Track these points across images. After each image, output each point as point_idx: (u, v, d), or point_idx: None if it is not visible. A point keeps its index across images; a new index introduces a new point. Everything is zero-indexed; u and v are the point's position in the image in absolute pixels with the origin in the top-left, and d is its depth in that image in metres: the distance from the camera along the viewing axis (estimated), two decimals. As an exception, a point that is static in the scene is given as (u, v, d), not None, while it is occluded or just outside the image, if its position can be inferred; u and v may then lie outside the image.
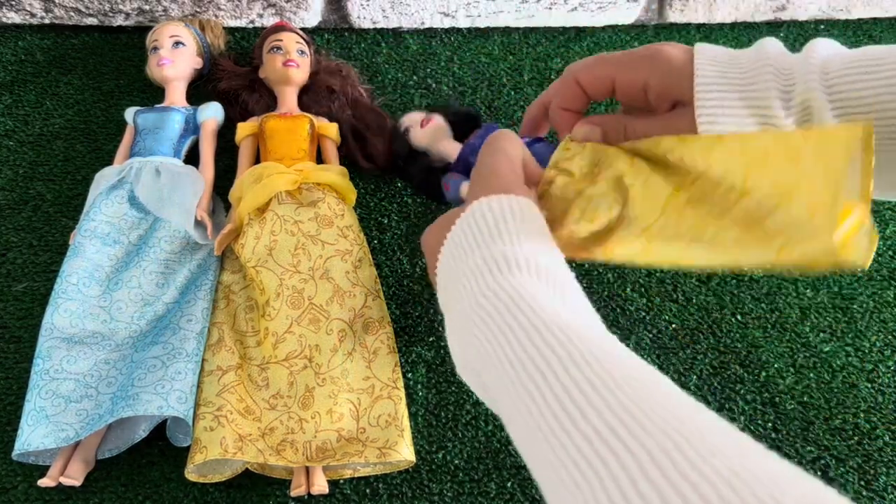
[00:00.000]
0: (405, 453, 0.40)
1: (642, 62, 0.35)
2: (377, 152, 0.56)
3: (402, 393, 0.43)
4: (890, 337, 0.50)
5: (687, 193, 0.33)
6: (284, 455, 0.40)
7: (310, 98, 0.57)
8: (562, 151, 0.37)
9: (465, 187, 0.48)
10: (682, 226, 0.32)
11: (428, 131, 0.52)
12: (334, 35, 0.67)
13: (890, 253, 0.55)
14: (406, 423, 0.42)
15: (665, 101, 0.35)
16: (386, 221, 0.54)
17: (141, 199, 0.49)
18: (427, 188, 0.53)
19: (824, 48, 0.32)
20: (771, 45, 0.33)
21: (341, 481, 0.42)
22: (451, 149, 0.51)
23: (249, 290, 0.47)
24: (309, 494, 0.40)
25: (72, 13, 0.63)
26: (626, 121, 0.36)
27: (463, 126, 0.53)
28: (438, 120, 0.52)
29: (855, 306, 0.51)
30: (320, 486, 0.40)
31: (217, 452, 0.38)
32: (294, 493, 0.40)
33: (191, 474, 0.40)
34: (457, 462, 0.43)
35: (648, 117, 0.36)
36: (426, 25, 0.67)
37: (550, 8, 0.67)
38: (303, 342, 0.44)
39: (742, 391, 0.47)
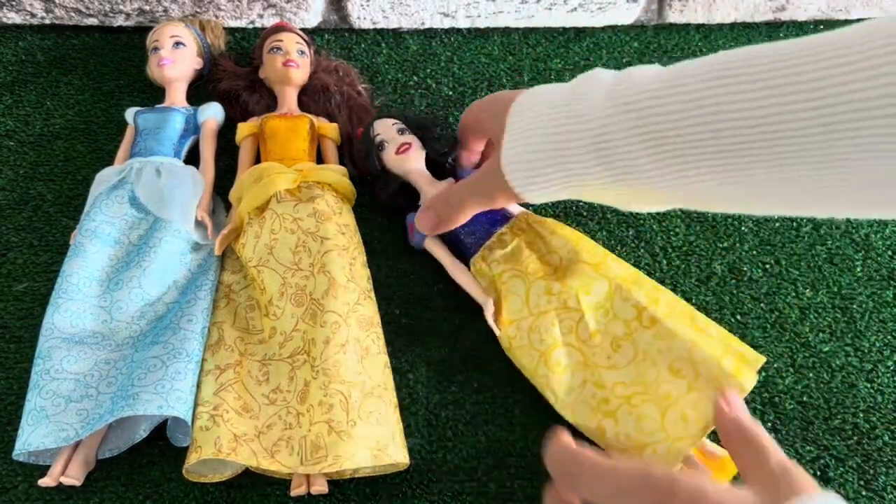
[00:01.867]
0: (398, 456, 0.40)
1: (480, 120, 0.43)
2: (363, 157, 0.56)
3: (393, 396, 0.43)
4: (889, 337, 0.50)
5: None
6: (278, 458, 0.40)
7: (310, 98, 0.57)
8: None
9: (431, 245, 0.48)
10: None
11: (402, 160, 0.48)
12: (334, 35, 0.67)
13: (889, 253, 0.55)
14: (398, 426, 0.42)
15: (492, 145, 0.41)
16: (387, 222, 0.54)
17: (141, 199, 0.49)
18: (395, 210, 0.51)
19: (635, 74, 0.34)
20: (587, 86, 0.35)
21: (341, 481, 0.42)
22: (425, 187, 0.48)
23: (250, 290, 0.47)
24: (309, 495, 0.40)
25: (72, 13, 0.63)
26: (449, 190, 0.45)
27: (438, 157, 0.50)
28: (416, 149, 0.48)
29: (854, 306, 0.51)
30: (320, 486, 0.40)
31: (210, 452, 0.38)
32: (294, 493, 0.40)
33: (190, 474, 0.40)
34: (457, 462, 0.43)
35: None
36: (426, 26, 0.67)
37: (550, 8, 0.67)
38: (305, 338, 0.44)
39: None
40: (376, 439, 0.40)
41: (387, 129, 0.49)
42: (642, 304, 0.40)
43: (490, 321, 0.44)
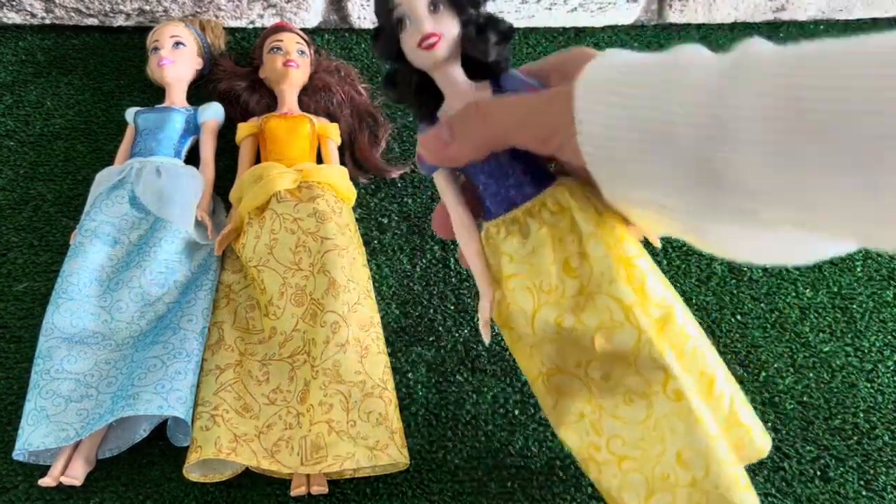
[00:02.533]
0: (397, 456, 0.40)
1: (570, 55, 0.30)
2: (364, 157, 0.56)
3: (394, 396, 0.43)
4: (889, 337, 0.50)
5: None
6: (279, 458, 0.40)
7: (310, 98, 0.57)
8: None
9: (440, 179, 0.33)
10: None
11: (425, 56, 0.30)
12: (334, 35, 0.67)
13: (889, 252, 0.55)
14: (398, 425, 0.42)
15: (559, 77, 0.30)
16: (386, 221, 0.54)
17: (141, 199, 0.49)
18: (418, 109, 0.32)
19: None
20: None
21: (341, 481, 0.42)
22: (453, 96, 0.31)
23: (250, 290, 0.47)
24: (309, 495, 0.40)
25: (72, 13, 0.63)
26: (480, 102, 0.30)
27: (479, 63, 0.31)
28: (448, 41, 0.30)
29: (854, 306, 0.51)
30: (320, 486, 0.40)
31: (211, 452, 0.38)
32: (294, 493, 0.40)
33: (190, 474, 0.40)
34: (457, 462, 0.43)
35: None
36: (426, 26, 0.67)
37: (550, 8, 0.67)
38: (305, 338, 0.44)
39: (742, 391, 0.47)
40: (376, 439, 0.40)
41: (414, 7, 0.30)
42: (673, 373, 0.30)
43: (481, 321, 0.32)
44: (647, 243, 0.34)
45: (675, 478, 0.31)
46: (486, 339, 0.32)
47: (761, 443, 0.34)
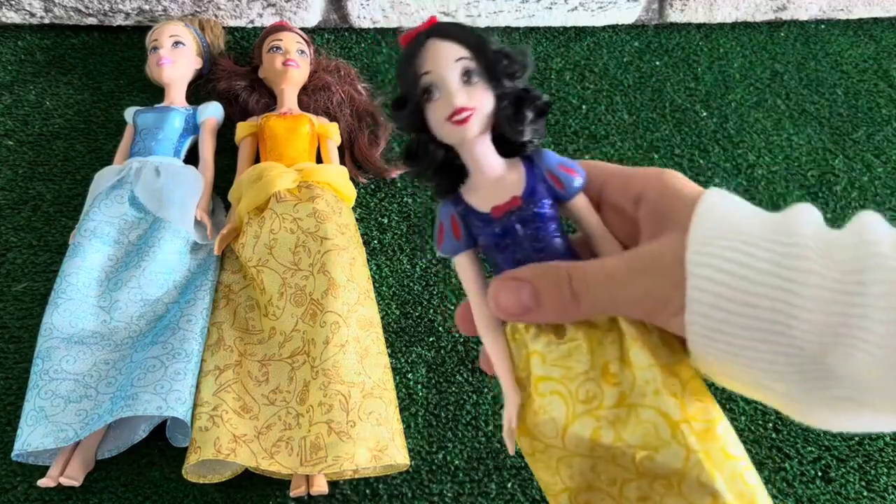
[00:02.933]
0: (397, 457, 0.40)
1: (646, 171, 0.27)
2: (364, 157, 0.56)
3: (394, 396, 0.43)
4: (891, 337, 0.50)
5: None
6: (278, 458, 0.40)
7: (310, 97, 0.57)
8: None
9: (463, 263, 0.28)
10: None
11: (455, 131, 0.26)
12: (334, 35, 0.67)
13: (891, 253, 0.55)
14: (398, 426, 0.42)
15: (651, 220, 0.25)
16: (386, 221, 0.54)
17: (141, 198, 0.49)
18: (440, 186, 0.29)
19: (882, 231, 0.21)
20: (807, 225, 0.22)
21: (341, 482, 0.42)
22: (485, 172, 0.27)
23: (250, 290, 0.47)
24: (308, 495, 0.40)
25: (72, 13, 0.63)
26: (572, 269, 0.25)
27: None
28: (481, 117, 0.26)
29: (856, 306, 0.51)
30: (320, 486, 0.40)
31: (210, 453, 0.38)
32: (294, 493, 0.40)
33: (190, 474, 0.40)
34: (457, 462, 0.43)
35: (610, 255, 0.26)
36: (426, 25, 0.67)
37: (551, 7, 0.67)
38: (305, 339, 0.43)
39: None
40: (376, 440, 0.40)
41: (443, 66, 0.27)
42: (724, 500, 0.26)
43: (506, 429, 0.27)
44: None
45: None
46: (511, 449, 0.28)
47: None
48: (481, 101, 0.26)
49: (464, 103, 0.26)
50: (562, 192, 0.27)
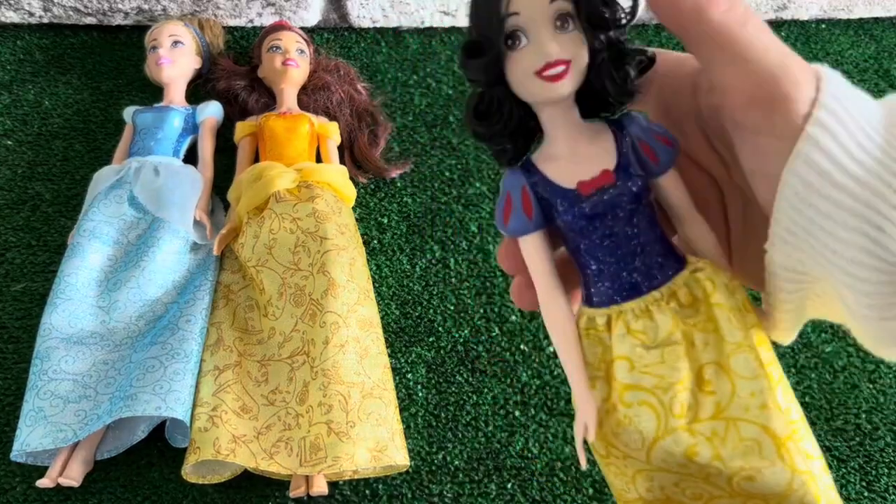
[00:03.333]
0: (397, 458, 0.40)
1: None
2: (364, 157, 0.56)
3: (393, 397, 0.43)
4: (891, 337, 0.50)
5: None
6: (277, 459, 0.39)
7: (309, 97, 0.57)
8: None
9: (531, 244, 0.23)
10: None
11: (546, 89, 0.22)
12: (334, 34, 0.66)
13: (891, 253, 0.54)
14: (397, 426, 0.42)
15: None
16: (386, 221, 0.54)
17: (140, 198, 0.49)
18: (509, 151, 0.24)
19: None
20: None
21: (341, 482, 0.42)
22: (562, 136, 0.23)
23: (249, 290, 0.47)
24: (308, 496, 0.40)
25: (70, 12, 0.63)
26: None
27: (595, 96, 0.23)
28: (575, 73, 0.22)
29: (856, 306, 0.51)
30: (319, 487, 0.40)
31: (210, 453, 0.38)
32: (293, 494, 0.40)
33: (189, 475, 0.39)
34: (457, 463, 0.43)
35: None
36: (426, 24, 0.67)
37: (551, 7, 0.67)
38: (305, 339, 0.43)
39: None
40: (375, 440, 0.40)
41: (535, 7, 0.22)
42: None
43: (578, 441, 0.24)
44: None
45: None
46: (583, 463, 0.24)
47: None
48: (578, 53, 0.22)
49: (559, 55, 0.21)
50: (654, 166, 0.23)
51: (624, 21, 0.22)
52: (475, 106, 0.23)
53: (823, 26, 0.72)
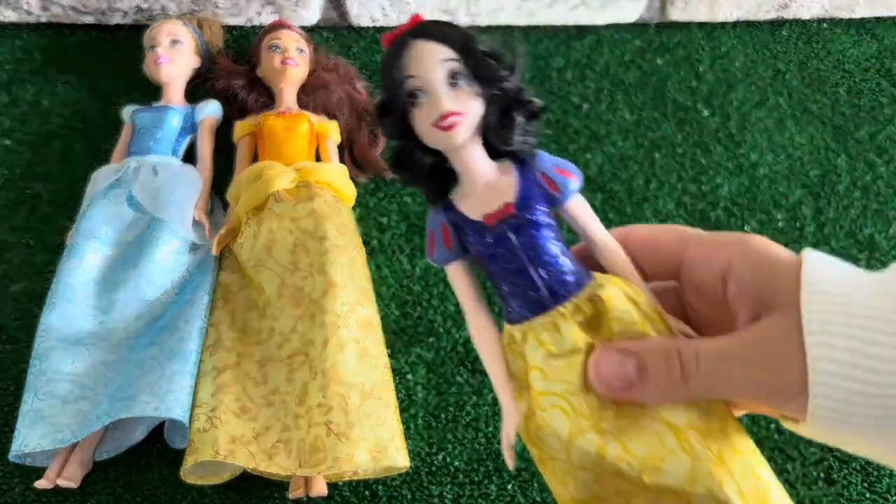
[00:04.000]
0: (397, 459, 0.40)
1: (728, 240, 0.24)
2: (363, 156, 0.55)
3: (393, 397, 0.43)
4: (893, 338, 0.50)
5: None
6: (276, 460, 0.39)
7: (308, 96, 0.57)
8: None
9: (455, 272, 0.27)
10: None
11: (442, 137, 0.25)
12: (333, 33, 0.66)
13: (894, 253, 0.54)
14: (397, 427, 0.41)
15: (748, 298, 0.23)
16: (386, 221, 0.53)
17: (138, 198, 0.49)
18: (429, 193, 0.28)
19: None
20: None
21: (340, 483, 0.42)
22: (476, 175, 0.26)
23: (248, 290, 0.47)
24: (308, 497, 0.40)
25: (69, 11, 0.63)
26: (682, 345, 0.23)
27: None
28: (469, 121, 0.25)
29: (858, 307, 0.51)
30: (319, 488, 0.40)
31: (208, 454, 0.38)
32: (292, 495, 0.40)
33: (188, 476, 0.39)
34: (457, 464, 0.43)
35: (715, 334, 0.24)
36: (426, 23, 0.67)
37: (551, 6, 0.67)
38: (304, 339, 0.43)
39: None
40: (375, 441, 0.40)
41: (428, 68, 0.25)
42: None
43: (504, 444, 0.26)
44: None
45: None
46: (511, 464, 0.26)
47: None
48: (469, 106, 0.25)
49: (451, 108, 0.24)
50: (557, 195, 0.26)
51: (507, 76, 0.25)
52: (394, 157, 0.27)
53: (825, 25, 0.72)
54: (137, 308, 0.45)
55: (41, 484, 0.39)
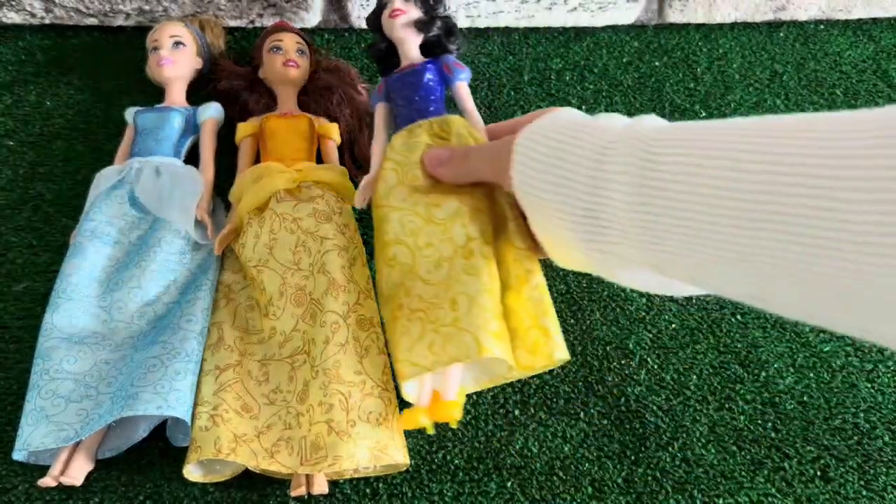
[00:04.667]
0: (397, 457, 0.40)
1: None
2: (364, 157, 0.56)
3: (393, 396, 0.43)
4: (890, 337, 0.50)
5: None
6: (278, 458, 0.40)
7: (310, 98, 0.57)
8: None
9: (379, 108, 0.48)
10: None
11: (389, 25, 0.47)
12: (334, 35, 0.67)
13: (890, 253, 0.55)
14: (397, 426, 0.42)
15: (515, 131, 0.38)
16: (386, 221, 0.54)
17: (141, 199, 0.49)
18: (380, 66, 0.51)
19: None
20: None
21: (341, 481, 0.42)
22: (409, 55, 0.47)
23: (250, 290, 0.47)
24: (309, 494, 0.40)
25: (72, 13, 0.63)
26: (468, 147, 0.43)
27: (432, 42, 0.48)
28: (407, 19, 0.47)
29: (855, 306, 0.51)
30: (320, 486, 0.40)
31: (210, 452, 0.38)
32: (294, 493, 0.40)
33: (190, 474, 0.40)
34: (457, 462, 0.43)
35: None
36: (426, 25, 0.67)
37: (550, 8, 0.67)
38: (305, 338, 0.44)
39: (742, 391, 0.47)
40: (376, 439, 0.40)
41: None
42: (472, 236, 0.40)
43: (361, 186, 0.46)
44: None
45: (443, 318, 0.38)
46: (360, 202, 0.46)
47: (558, 355, 0.39)
48: (411, 10, 0.47)
49: (399, 6, 0.47)
50: (449, 76, 0.47)
51: (436, 4, 0.48)
52: (369, 46, 0.52)
53: (822, 27, 0.72)
54: (140, 307, 0.46)
55: (44, 482, 0.39)
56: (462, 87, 0.47)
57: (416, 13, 0.47)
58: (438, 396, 0.40)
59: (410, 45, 0.47)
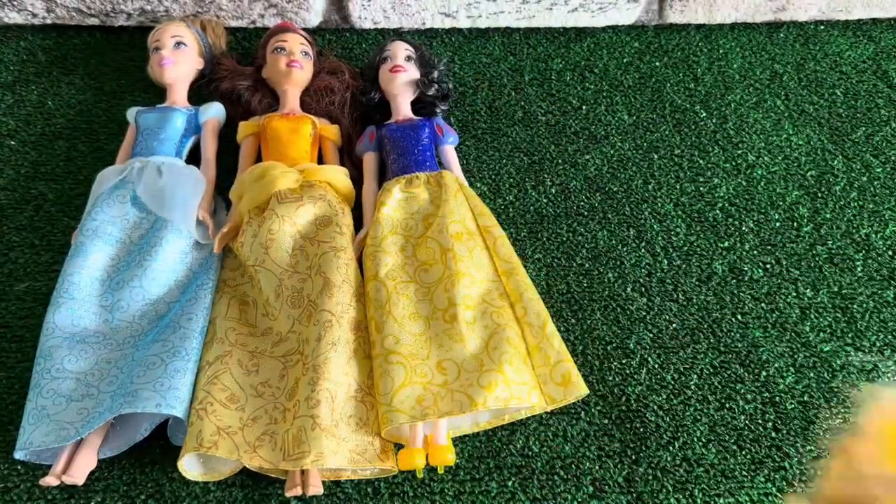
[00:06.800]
0: (376, 461, 0.40)
1: None
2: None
3: (375, 402, 0.43)
4: (890, 337, 0.50)
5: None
6: (260, 452, 0.39)
7: (312, 98, 0.57)
8: None
9: (370, 157, 0.53)
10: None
11: (388, 79, 0.54)
12: (335, 35, 0.67)
13: (890, 253, 0.55)
14: (377, 430, 0.42)
15: None
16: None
17: (143, 198, 0.49)
18: (366, 117, 0.57)
19: None
20: None
21: (342, 480, 0.42)
22: (398, 116, 0.54)
23: (246, 286, 0.48)
24: (305, 495, 0.40)
25: (73, 13, 0.63)
26: None
27: (425, 101, 0.56)
28: (407, 77, 0.54)
29: (855, 306, 0.51)
30: (315, 486, 0.40)
31: (192, 446, 0.38)
32: (289, 493, 0.40)
33: (184, 469, 0.40)
34: (457, 462, 0.43)
35: None
36: (427, 26, 0.67)
37: (551, 8, 0.67)
38: (300, 339, 0.44)
39: (742, 391, 0.47)
40: (355, 443, 0.40)
41: (397, 49, 0.56)
42: (455, 301, 0.45)
43: (357, 241, 0.50)
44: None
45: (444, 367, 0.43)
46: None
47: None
48: (412, 70, 0.55)
49: (401, 63, 0.55)
50: (441, 136, 0.54)
51: (433, 67, 0.57)
52: (362, 93, 0.58)
53: (822, 27, 0.72)
54: (142, 307, 0.46)
55: (46, 481, 0.39)
56: (451, 150, 0.54)
57: (415, 73, 0.54)
58: (431, 440, 0.41)
59: (404, 101, 0.54)
